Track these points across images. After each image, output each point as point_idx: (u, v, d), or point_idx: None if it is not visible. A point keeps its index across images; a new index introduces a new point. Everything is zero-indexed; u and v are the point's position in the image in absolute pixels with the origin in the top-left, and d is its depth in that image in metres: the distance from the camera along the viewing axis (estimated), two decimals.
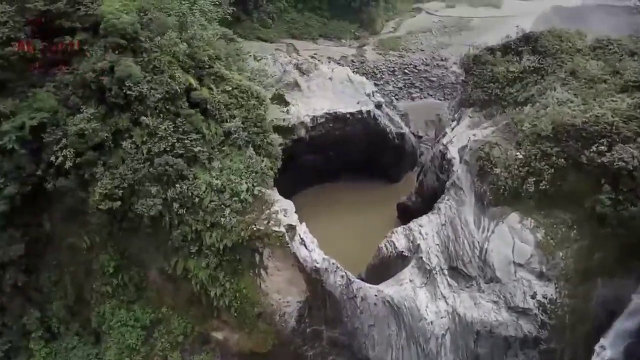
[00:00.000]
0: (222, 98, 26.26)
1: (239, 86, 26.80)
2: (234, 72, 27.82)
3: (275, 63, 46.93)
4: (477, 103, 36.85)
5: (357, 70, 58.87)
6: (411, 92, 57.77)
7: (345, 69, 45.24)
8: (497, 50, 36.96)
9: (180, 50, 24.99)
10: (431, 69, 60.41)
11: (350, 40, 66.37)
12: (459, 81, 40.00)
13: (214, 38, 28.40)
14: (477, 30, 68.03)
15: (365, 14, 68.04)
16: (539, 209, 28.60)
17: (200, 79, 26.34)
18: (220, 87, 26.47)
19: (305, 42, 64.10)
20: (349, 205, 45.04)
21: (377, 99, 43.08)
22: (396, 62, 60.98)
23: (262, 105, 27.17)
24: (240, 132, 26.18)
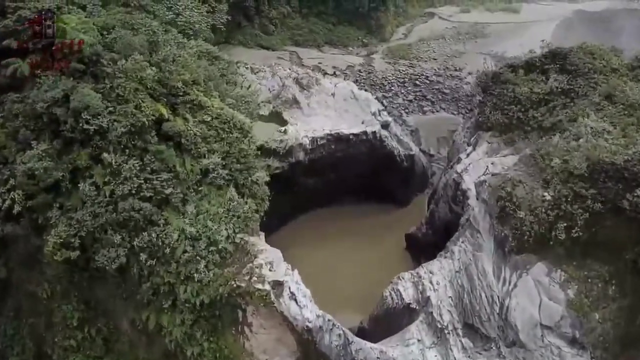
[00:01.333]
0: (199, 130, 22.49)
1: (219, 116, 23.00)
2: (215, 98, 24.02)
3: (273, 76, 43.10)
4: (496, 127, 32.72)
5: (364, 81, 54.95)
6: (422, 105, 53.57)
7: (349, 84, 41.24)
8: (520, 68, 32.76)
9: (149, 75, 21.23)
10: (444, 79, 56.14)
11: (357, 48, 62.29)
12: (476, 101, 35.65)
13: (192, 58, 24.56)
14: (494, 37, 63.63)
15: (373, 20, 63.94)
16: (571, 259, 24.46)
17: (173, 108, 22.58)
18: (198, 116, 22.70)
19: (309, 50, 60.14)
20: (352, 233, 41.10)
21: (383, 118, 39.06)
22: (406, 72, 56.79)
23: (247, 138, 23.33)
24: (219, 170, 22.38)
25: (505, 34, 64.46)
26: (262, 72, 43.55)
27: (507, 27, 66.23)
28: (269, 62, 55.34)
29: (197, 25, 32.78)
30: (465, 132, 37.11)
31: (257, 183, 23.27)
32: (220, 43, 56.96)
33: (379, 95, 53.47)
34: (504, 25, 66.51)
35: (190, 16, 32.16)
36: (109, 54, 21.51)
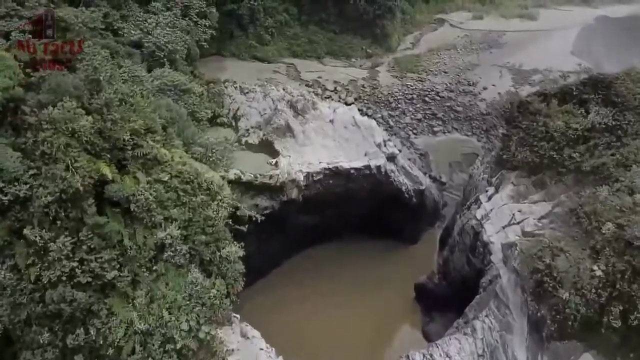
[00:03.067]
0: (154, 192, 17.49)
1: (181, 173, 18.05)
2: (177, 149, 19.08)
3: (265, 98, 38.03)
4: (523, 166, 27.62)
5: (368, 98, 49.84)
6: (432, 125, 48.39)
7: (351, 109, 36.08)
8: (552, 97, 27.53)
9: (85, 126, 16.26)
10: (456, 96, 50.90)
11: (361, 59, 57.02)
12: (498, 133, 30.41)
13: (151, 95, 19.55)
14: (510, 47, 58.29)
15: (379, 28, 58.65)
16: (628, 350, 19.40)
17: (121, 165, 17.64)
18: (153, 174, 17.75)
19: (308, 62, 54.96)
20: (352, 276, 36.11)
21: (389, 150, 33.92)
22: (415, 87, 51.58)
23: (215, 202, 18.28)
24: (179, 245, 17.38)
25: (523, 44, 59.08)
26: (252, 93, 38.47)
27: (524, 35, 60.83)
28: (264, 76, 50.51)
29: (171, 46, 27.80)
30: (485, 167, 31.96)
31: (229, 259, 18.22)
32: (211, 55, 52.25)
33: (385, 114, 48.43)
34: (521, 34, 61.10)
35: (161, 35, 27.20)
36: (35, 98, 16.56)
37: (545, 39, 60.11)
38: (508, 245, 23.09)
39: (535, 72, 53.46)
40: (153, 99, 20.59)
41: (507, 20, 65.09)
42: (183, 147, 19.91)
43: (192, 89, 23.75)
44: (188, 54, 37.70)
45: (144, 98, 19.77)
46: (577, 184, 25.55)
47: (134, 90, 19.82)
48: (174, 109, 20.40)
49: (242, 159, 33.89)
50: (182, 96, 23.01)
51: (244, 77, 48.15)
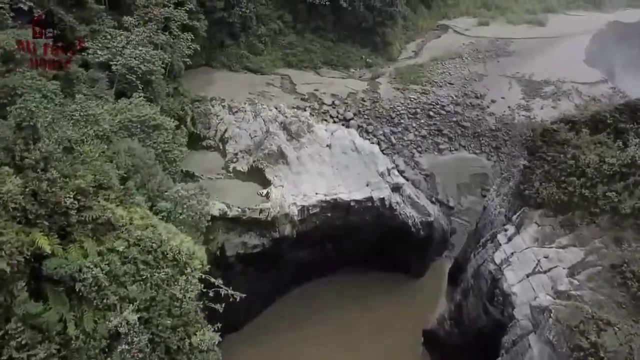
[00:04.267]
0: (107, 266, 13.88)
1: (141, 240, 14.42)
2: (138, 207, 15.43)
3: (256, 118, 34.50)
4: (548, 204, 24.08)
5: (368, 113, 46.25)
6: (438, 142, 44.84)
7: (350, 133, 32.55)
8: (583, 125, 24.01)
9: (13, 190, 12.67)
10: (463, 109, 47.39)
11: (360, 70, 53.47)
12: (519, 165, 26.77)
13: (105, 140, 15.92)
14: (519, 56, 54.87)
15: (379, 36, 55.13)
16: None
17: (65, 233, 13.99)
18: (106, 243, 14.13)
19: (304, 73, 51.40)
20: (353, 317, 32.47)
21: (394, 179, 30.37)
22: (418, 100, 48.04)
23: (184, 276, 14.66)
24: (136, 334, 13.77)
25: (532, 52, 55.68)
26: (241, 112, 34.92)
27: (533, 43, 57.43)
28: (257, 90, 46.97)
29: (145, 66, 24.17)
30: (502, 200, 28.42)
31: (201, 348, 14.60)
32: (199, 66, 48.77)
33: (387, 131, 44.85)
34: (530, 41, 57.70)
35: (132, 56, 23.59)
36: None
37: (556, 47, 56.77)
38: (540, 309, 19.52)
39: (546, 83, 50.09)
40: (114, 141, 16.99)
41: (515, 26, 61.71)
42: (147, 202, 16.35)
43: (162, 124, 20.08)
44: (171, 70, 34.15)
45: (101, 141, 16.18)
46: (613, 228, 22.09)
47: (86, 134, 16.26)
48: (137, 153, 16.85)
49: (229, 189, 30.36)
50: (150, 134, 19.40)
51: (234, 91, 44.82)
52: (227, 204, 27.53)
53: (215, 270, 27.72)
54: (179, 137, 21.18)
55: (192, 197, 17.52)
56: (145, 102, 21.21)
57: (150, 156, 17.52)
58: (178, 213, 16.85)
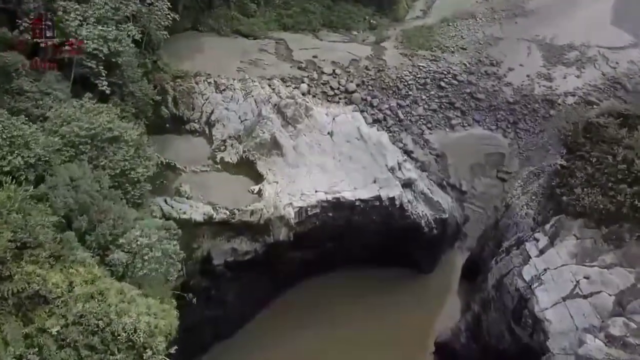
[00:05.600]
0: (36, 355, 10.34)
1: (83, 317, 10.80)
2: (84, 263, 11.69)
3: (246, 98, 30.35)
4: (591, 214, 20.43)
5: (373, 84, 41.70)
6: (449, 117, 40.67)
7: (355, 117, 28.52)
8: (638, 120, 19.97)
9: None
10: (477, 79, 42.83)
11: (363, 32, 48.26)
12: (554, 165, 22.69)
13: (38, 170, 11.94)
14: (539, 16, 49.56)
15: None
16: None
17: None
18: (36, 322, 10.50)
19: (301, 37, 46.24)
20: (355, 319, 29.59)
21: (406, 174, 26.64)
22: (428, 68, 43.34)
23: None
24: None
25: (553, 11, 50.33)
26: (230, 91, 30.73)
27: (554, 0, 51.87)
28: (248, 57, 42.19)
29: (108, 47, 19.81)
30: (530, 199, 24.75)
31: None
32: (185, 30, 43.82)
33: (393, 105, 40.56)
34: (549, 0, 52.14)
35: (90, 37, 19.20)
36: None
37: (579, 5, 51.31)
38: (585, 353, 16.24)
39: (570, 48, 45.27)
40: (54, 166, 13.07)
41: None
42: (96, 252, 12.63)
43: (121, 135, 15.86)
44: (148, 42, 29.65)
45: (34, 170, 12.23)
46: None
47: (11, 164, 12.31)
48: (83, 184, 12.86)
49: (215, 184, 26.68)
50: (104, 150, 15.26)
51: (223, 60, 40.15)
52: (213, 206, 23.95)
53: (201, 279, 24.58)
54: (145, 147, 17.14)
55: (155, 246, 13.73)
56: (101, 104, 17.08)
57: (103, 183, 13.68)
58: (137, 267, 13.20)
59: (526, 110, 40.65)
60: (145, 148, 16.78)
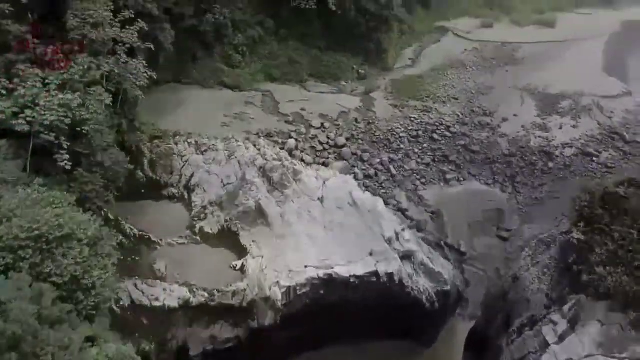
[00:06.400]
0: None
1: None
2: None
3: (229, 159, 28.17)
4: (616, 296, 18.17)
5: (363, 137, 39.99)
6: (444, 171, 38.88)
7: (346, 181, 26.40)
8: None
9: None
10: (471, 130, 41.40)
11: (352, 82, 47.03)
12: (568, 239, 20.40)
13: None
14: (530, 64, 48.96)
15: (372, 43, 48.67)
16: None
17: None
18: None
19: (289, 88, 44.80)
20: None
21: (405, 245, 24.28)
22: (419, 120, 41.88)
23: None
24: None
25: (544, 59, 49.82)
26: (212, 152, 28.56)
27: (543, 47, 51.56)
28: (234, 111, 40.45)
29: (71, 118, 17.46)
30: (542, 271, 22.43)
31: None
32: (167, 83, 42.21)
33: (385, 159, 38.70)
34: (540, 46, 51.80)
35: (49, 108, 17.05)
36: None
37: (570, 52, 50.99)
38: None
39: (563, 96, 44.30)
40: None
41: (521, 28, 55.78)
42: None
43: (74, 233, 13.23)
44: (124, 100, 27.58)
45: None
46: None
47: None
48: (14, 309, 9.88)
49: (193, 259, 24.11)
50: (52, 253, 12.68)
51: (206, 115, 38.41)
52: (190, 287, 21.34)
53: None
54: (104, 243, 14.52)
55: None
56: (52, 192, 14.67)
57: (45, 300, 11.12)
58: None
59: (523, 163, 39.02)
60: (105, 244, 14.25)
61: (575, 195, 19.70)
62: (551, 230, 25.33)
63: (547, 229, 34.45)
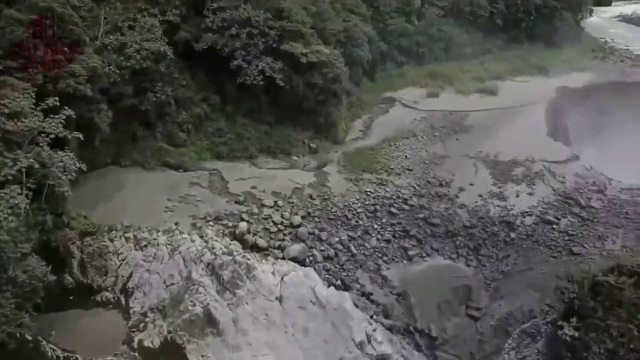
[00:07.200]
0: None
1: None
2: None
3: (172, 254, 24.98)
4: None
5: (319, 214, 37.81)
6: (406, 247, 37.04)
7: (308, 276, 23.76)
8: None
9: None
10: (429, 202, 40.13)
11: (304, 158, 45.38)
12: (561, 336, 18.41)
13: None
14: (479, 132, 49.28)
15: (322, 116, 47.64)
16: None
17: None
18: None
19: (238, 166, 42.45)
20: None
21: (377, 348, 21.60)
22: (376, 194, 40.34)
23: None
24: None
25: (491, 126, 50.46)
26: (152, 248, 25.31)
27: (489, 115, 52.37)
28: (178, 194, 37.60)
29: None
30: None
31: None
32: (105, 165, 39.28)
33: (344, 238, 36.50)
34: (486, 113, 52.61)
35: None
36: None
37: (514, 119, 52.01)
38: None
39: (515, 163, 44.31)
40: None
41: (466, 96, 56.85)
42: None
43: None
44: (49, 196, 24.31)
45: None
46: None
47: None
48: None
49: None
50: None
51: (148, 200, 35.48)
52: None
53: None
54: None
55: None
56: None
57: None
58: None
59: (485, 235, 37.87)
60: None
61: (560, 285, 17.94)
62: (534, 320, 23.35)
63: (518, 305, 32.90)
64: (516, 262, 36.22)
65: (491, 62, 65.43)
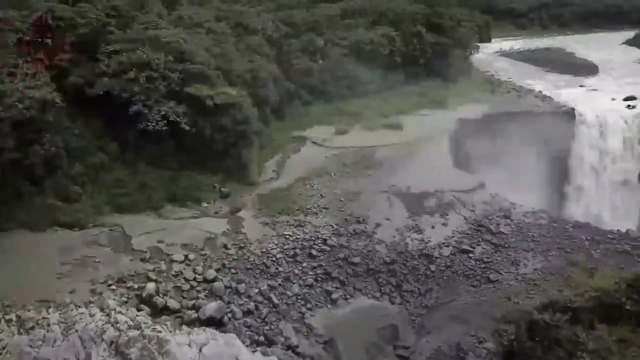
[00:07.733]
0: None
1: None
2: None
3: (67, 333, 21.33)
4: None
5: (236, 264, 35.43)
6: (329, 290, 35.66)
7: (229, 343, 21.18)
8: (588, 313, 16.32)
9: None
10: (348, 240, 39.25)
11: (215, 203, 42.84)
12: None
13: None
14: (389, 166, 49.79)
15: (232, 159, 45.69)
16: None
17: None
18: None
19: (142, 218, 38.84)
20: None
21: None
22: (294, 237, 38.74)
23: None
24: None
25: (400, 159, 51.31)
26: (41, 329, 21.46)
27: (397, 149, 53.35)
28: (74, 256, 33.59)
29: None
30: None
31: None
32: None
33: (264, 288, 34.38)
34: (394, 147, 53.56)
35: None
36: None
37: (421, 151, 53.47)
38: None
39: (427, 195, 45.07)
40: None
41: (374, 132, 57.81)
42: None
43: None
44: None
45: None
46: None
47: None
48: None
49: None
50: None
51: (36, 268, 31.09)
52: None
53: None
54: None
55: None
56: None
57: None
58: None
59: (406, 270, 37.63)
60: None
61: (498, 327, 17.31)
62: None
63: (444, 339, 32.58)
64: (438, 294, 36.22)
65: (394, 97, 67.57)
